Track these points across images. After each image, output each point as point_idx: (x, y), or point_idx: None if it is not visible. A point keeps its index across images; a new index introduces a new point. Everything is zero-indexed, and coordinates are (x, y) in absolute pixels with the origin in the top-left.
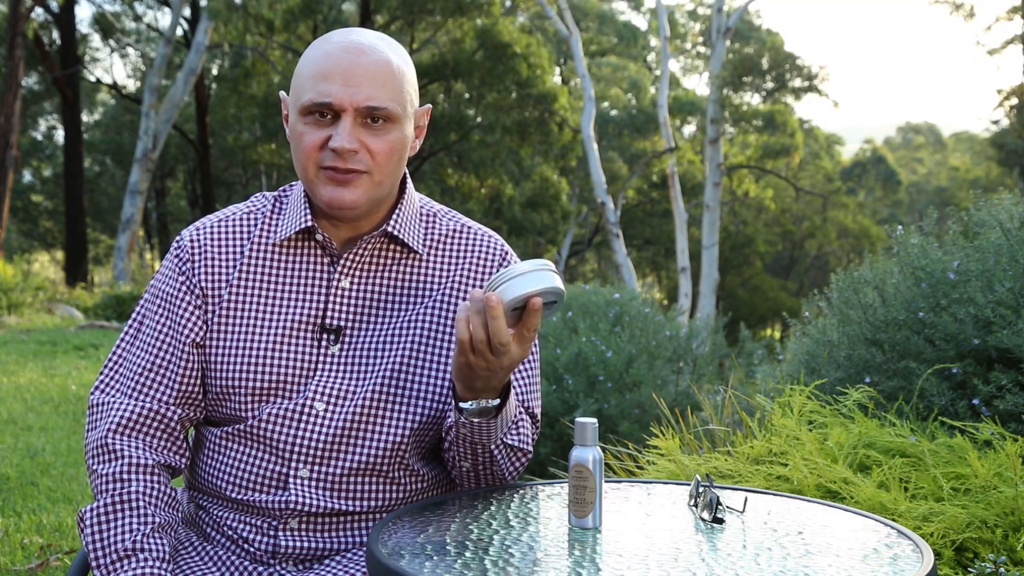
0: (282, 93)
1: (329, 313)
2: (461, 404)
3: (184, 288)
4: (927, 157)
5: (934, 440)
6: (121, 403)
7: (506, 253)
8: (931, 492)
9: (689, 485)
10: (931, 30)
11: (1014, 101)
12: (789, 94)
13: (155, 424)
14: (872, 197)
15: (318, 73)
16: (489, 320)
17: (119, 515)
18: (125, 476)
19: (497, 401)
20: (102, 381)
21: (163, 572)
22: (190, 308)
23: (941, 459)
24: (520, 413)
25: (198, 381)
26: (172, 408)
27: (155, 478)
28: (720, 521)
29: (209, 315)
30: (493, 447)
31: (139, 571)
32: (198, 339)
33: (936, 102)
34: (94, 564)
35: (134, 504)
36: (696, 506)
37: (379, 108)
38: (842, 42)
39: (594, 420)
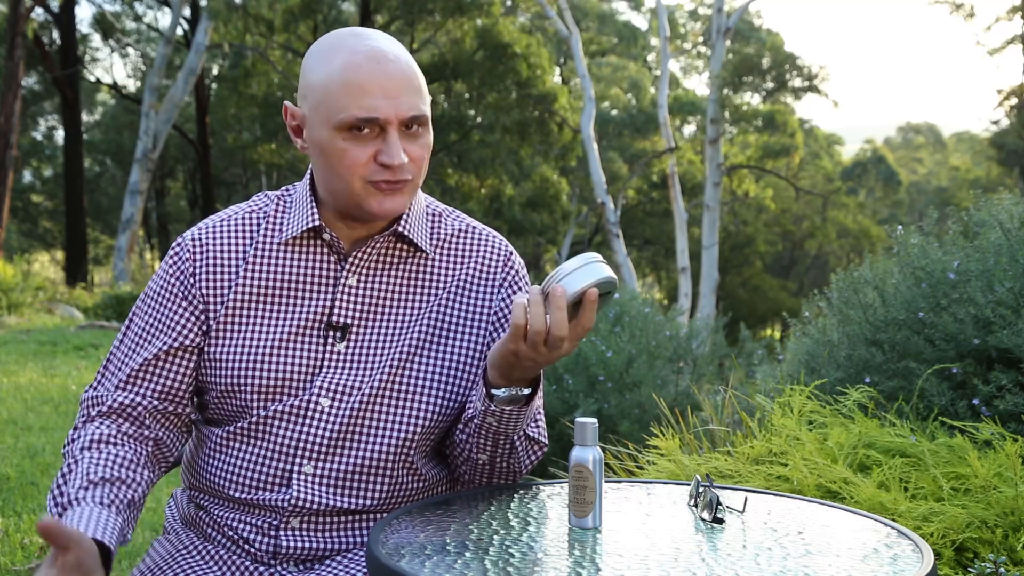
0: (288, 104)
1: (336, 310)
2: (493, 391)
3: (178, 291)
4: (927, 157)
5: (934, 440)
6: (103, 396)
7: (511, 254)
8: (931, 492)
9: (689, 485)
10: (931, 30)
11: (1014, 101)
12: (789, 94)
13: (130, 411)
14: (872, 197)
15: (352, 87)
16: (553, 311)
17: (66, 481)
18: (80, 446)
19: (528, 390)
20: (95, 380)
21: (101, 511)
22: (181, 310)
23: (941, 459)
24: (539, 406)
25: (184, 383)
26: (152, 401)
27: (110, 447)
28: (720, 521)
29: (211, 316)
30: (515, 437)
31: (77, 514)
32: (187, 342)
33: (936, 102)
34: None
35: (79, 467)
36: (696, 506)
37: (419, 116)
38: (842, 42)
39: (594, 420)
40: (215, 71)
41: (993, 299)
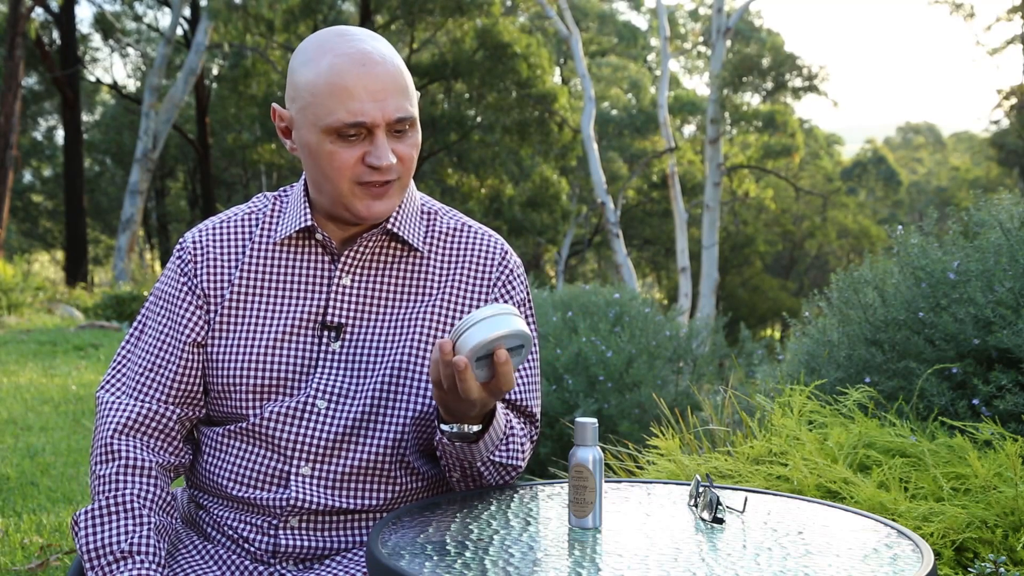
0: (276, 106)
1: (330, 310)
2: (442, 426)
3: (185, 289)
4: (927, 157)
5: (934, 440)
6: (124, 403)
7: (506, 253)
8: (931, 492)
9: (689, 485)
10: (931, 30)
11: (1014, 101)
12: (789, 94)
13: (154, 424)
14: (872, 197)
15: (339, 91)
16: (457, 380)
17: (113, 518)
18: (121, 478)
19: (478, 427)
20: (107, 380)
21: (158, 575)
22: (191, 309)
23: (941, 459)
24: (511, 429)
25: (198, 380)
26: (171, 408)
27: (152, 480)
28: (720, 521)
29: (211, 315)
30: (479, 464)
31: (135, 572)
32: (198, 339)
33: (936, 102)
34: (88, 567)
35: (128, 507)
36: (696, 506)
37: (406, 117)
38: (842, 42)
39: (594, 420)
40: (215, 71)
41: (993, 299)
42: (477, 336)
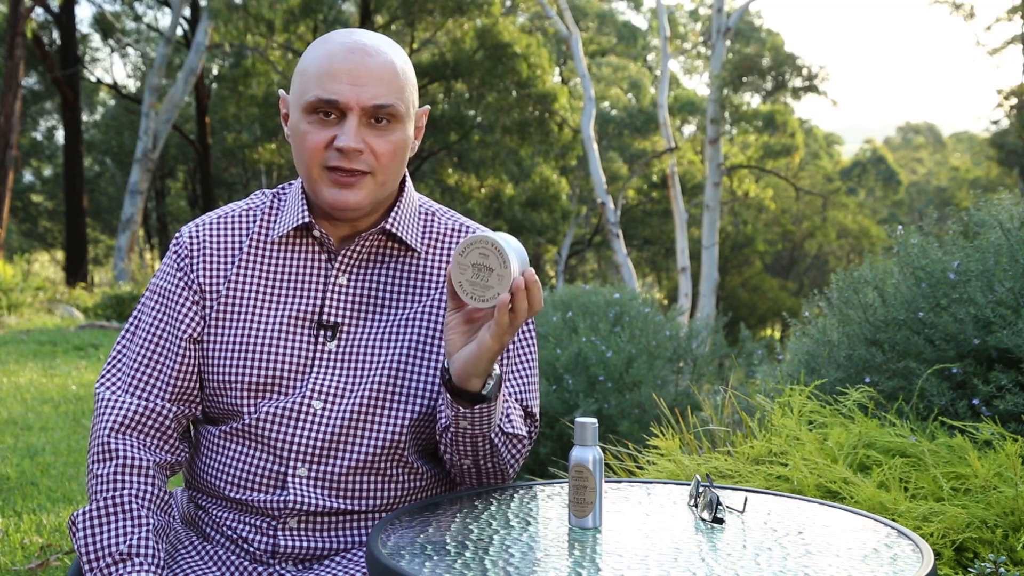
0: (281, 92)
1: (326, 309)
2: (483, 391)
3: (181, 284)
4: (927, 157)
5: (934, 440)
6: (121, 400)
7: None
8: (931, 492)
9: (689, 485)
10: (931, 30)
11: (1014, 101)
12: (789, 94)
13: (151, 423)
14: (872, 197)
15: (323, 72)
16: (529, 295)
17: (112, 519)
18: (119, 478)
19: (498, 371)
20: (104, 375)
21: None
22: (187, 304)
23: (941, 459)
24: (508, 409)
25: (194, 376)
26: (167, 405)
27: (149, 480)
28: (720, 521)
29: (207, 310)
30: (493, 435)
31: (134, 574)
32: (194, 334)
33: (936, 102)
34: (87, 569)
35: (127, 507)
36: (696, 506)
37: (384, 107)
38: (842, 42)
39: (594, 420)
40: (215, 71)
41: (993, 299)
42: (520, 256)
